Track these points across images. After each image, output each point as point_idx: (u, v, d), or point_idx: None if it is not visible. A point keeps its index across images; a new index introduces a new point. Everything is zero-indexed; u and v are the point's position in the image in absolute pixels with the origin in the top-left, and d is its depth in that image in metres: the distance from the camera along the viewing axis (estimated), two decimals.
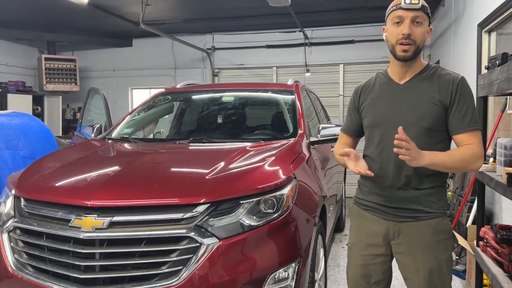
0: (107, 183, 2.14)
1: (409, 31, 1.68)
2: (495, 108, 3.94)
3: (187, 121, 4.08)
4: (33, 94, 8.22)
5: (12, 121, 3.78)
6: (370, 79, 1.94)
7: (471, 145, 1.68)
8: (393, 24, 1.72)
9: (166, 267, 1.87)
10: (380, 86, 1.86)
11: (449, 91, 1.71)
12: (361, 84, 1.96)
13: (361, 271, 1.88)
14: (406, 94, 1.77)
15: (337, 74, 7.77)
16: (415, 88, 1.76)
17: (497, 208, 3.73)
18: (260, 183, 2.12)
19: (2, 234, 2.18)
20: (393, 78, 1.83)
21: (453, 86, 1.71)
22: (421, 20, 1.69)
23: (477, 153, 1.67)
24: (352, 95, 1.98)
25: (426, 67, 1.80)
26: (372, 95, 1.87)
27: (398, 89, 1.80)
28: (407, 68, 1.78)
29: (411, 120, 1.72)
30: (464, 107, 1.70)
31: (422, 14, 1.69)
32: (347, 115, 2.02)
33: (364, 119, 1.89)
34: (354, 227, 1.96)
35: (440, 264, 1.75)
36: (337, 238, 4.93)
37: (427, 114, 1.71)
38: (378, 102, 1.83)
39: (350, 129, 1.99)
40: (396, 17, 1.71)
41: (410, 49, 1.70)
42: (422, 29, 1.70)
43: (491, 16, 3.73)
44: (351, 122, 1.98)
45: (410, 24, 1.68)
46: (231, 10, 6.75)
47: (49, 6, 6.34)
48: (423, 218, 1.76)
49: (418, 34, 1.69)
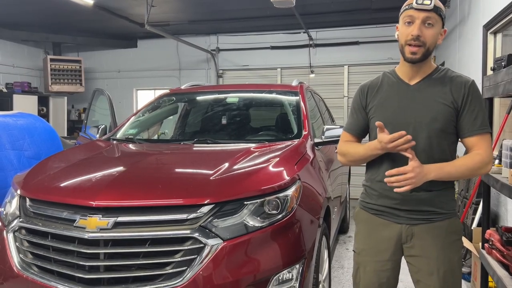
0: (112, 183, 2.15)
1: (419, 33, 1.64)
2: (501, 110, 3.92)
3: (192, 122, 4.09)
4: (39, 95, 8.27)
5: (17, 121, 3.80)
6: (377, 79, 1.89)
7: (479, 151, 1.67)
8: (404, 23, 1.70)
9: (170, 268, 1.87)
10: (389, 86, 1.82)
11: (461, 93, 1.70)
12: (367, 83, 1.90)
13: (373, 277, 1.84)
14: (418, 95, 1.74)
15: (341, 76, 7.77)
16: (427, 89, 1.74)
17: (503, 210, 3.71)
18: (264, 184, 2.12)
19: (8, 234, 2.19)
20: (403, 78, 1.80)
21: (465, 89, 1.70)
22: (432, 22, 1.66)
23: (486, 160, 1.66)
24: (357, 94, 1.91)
25: (436, 69, 1.78)
26: (380, 94, 1.82)
27: (409, 89, 1.77)
28: (418, 69, 1.75)
29: (424, 121, 1.70)
30: (475, 110, 1.69)
31: (435, 15, 1.65)
32: (351, 114, 1.94)
33: (373, 119, 1.82)
34: (363, 232, 1.91)
35: (453, 265, 1.74)
36: (341, 240, 4.91)
37: (440, 115, 1.69)
38: (388, 102, 1.79)
39: (355, 128, 1.91)
40: (408, 16, 1.68)
41: (419, 51, 1.67)
42: (434, 31, 1.67)
43: (497, 17, 3.71)
44: (356, 121, 1.91)
45: (421, 25, 1.65)
46: (236, 11, 6.76)
47: (55, 7, 6.37)
48: (436, 219, 1.74)
49: (429, 36, 1.66)
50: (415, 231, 1.76)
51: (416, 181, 1.57)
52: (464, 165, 1.65)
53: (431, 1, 1.64)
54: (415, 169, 1.56)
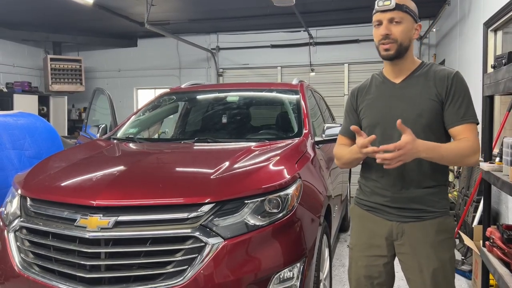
0: (113, 183, 2.15)
1: (386, 31, 1.72)
2: (502, 108, 3.91)
3: (192, 121, 4.08)
4: (39, 95, 8.28)
5: (18, 121, 3.80)
6: (366, 81, 1.96)
7: (468, 138, 1.67)
8: (374, 27, 1.78)
9: (171, 267, 1.87)
10: (376, 87, 1.88)
11: (444, 85, 1.72)
12: (357, 86, 1.98)
13: (364, 272, 1.87)
14: (403, 92, 1.78)
15: (341, 74, 7.76)
16: (412, 86, 1.77)
17: (504, 208, 3.71)
18: (265, 183, 2.12)
19: (9, 234, 2.19)
20: (389, 77, 1.85)
21: (448, 80, 1.72)
22: (398, 20, 1.72)
23: (475, 147, 1.67)
24: (349, 97, 1.99)
25: (421, 65, 1.82)
26: (369, 96, 1.88)
27: (394, 88, 1.81)
28: (400, 67, 1.80)
29: (409, 118, 1.72)
30: (459, 100, 1.70)
31: (399, 12, 1.71)
32: (344, 117, 2.02)
33: (363, 120, 1.89)
34: (356, 228, 1.95)
35: (444, 263, 1.75)
36: (342, 238, 4.92)
37: (425, 110, 1.72)
38: (376, 102, 1.84)
39: (349, 131, 1.91)
40: (376, 20, 1.77)
41: (391, 47, 1.73)
42: (402, 27, 1.72)
43: (497, 15, 3.71)
44: (349, 124, 1.93)
45: (388, 24, 1.72)
46: (236, 10, 6.76)
47: (55, 7, 6.38)
48: (426, 217, 1.75)
49: (397, 32, 1.72)
50: (405, 228, 1.78)
51: (405, 158, 1.56)
52: (456, 149, 1.65)
53: (391, 1, 1.71)
54: (407, 145, 1.54)
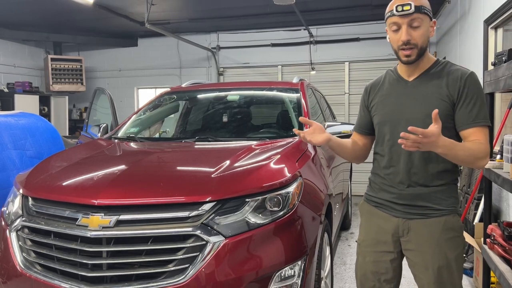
0: (114, 182, 2.15)
1: (408, 37, 1.67)
2: (502, 105, 3.91)
3: (193, 120, 4.09)
4: (40, 95, 8.28)
5: (19, 121, 3.81)
6: (380, 77, 1.94)
7: (481, 141, 1.65)
8: (391, 31, 1.73)
9: (173, 265, 1.88)
10: (389, 84, 1.87)
11: (456, 86, 1.69)
12: (371, 82, 1.97)
13: (371, 268, 1.87)
14: (415, 91, 1.76)
15: (342, 72, 7.75)
16: (424, 85, 1.75)
17: (504, 205, 3.71)
18: (266, 181, 2.13)
19: (11, 233, 2.20)
20: (402, 75, 1.83)
21: (461, 81, 1.69)
22: (418, 23, 1.67)
23: (486, 150, 1.65)
24: (363, 93, 1.99)
25: (435, 63, 1.79)
26: (381, 92, 1.88)
27: (407, 86, 1.80)
28: (415, 65, 1.77)
29: (418, 117, 1.71)
30: (471, 102, 1.67)
31: (418, 15, 1.66)
32: (358, 113, 2.04)
33: (374, 116, 1.90)
34: (364, 224, 1.96)
35: (450, 261, 1.74)
36: (343, 236, 4.92)
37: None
38: (387, 100, 1.84)
39: (361, 126, 2.00)
40: (393, 23, 1.70)
41: (412, 53, 1.69)
42: (421, 30, 1.68)
43: (498, 12, 3.70)
44: (361, 120, 2.00)
45: (408, 29, 1.67)
46: (236, 9, 6.75)
47: (55, 7, 6.38)
48: (432, 215, 1.75)
49: (418, 36, 1.68)
50: (411, 225, 1.78)
51: (423, 147, 1.51)
52: (470, 149, 1.62)
53: (410, 6, 1.64)
54: (432, 136, 1.49)
